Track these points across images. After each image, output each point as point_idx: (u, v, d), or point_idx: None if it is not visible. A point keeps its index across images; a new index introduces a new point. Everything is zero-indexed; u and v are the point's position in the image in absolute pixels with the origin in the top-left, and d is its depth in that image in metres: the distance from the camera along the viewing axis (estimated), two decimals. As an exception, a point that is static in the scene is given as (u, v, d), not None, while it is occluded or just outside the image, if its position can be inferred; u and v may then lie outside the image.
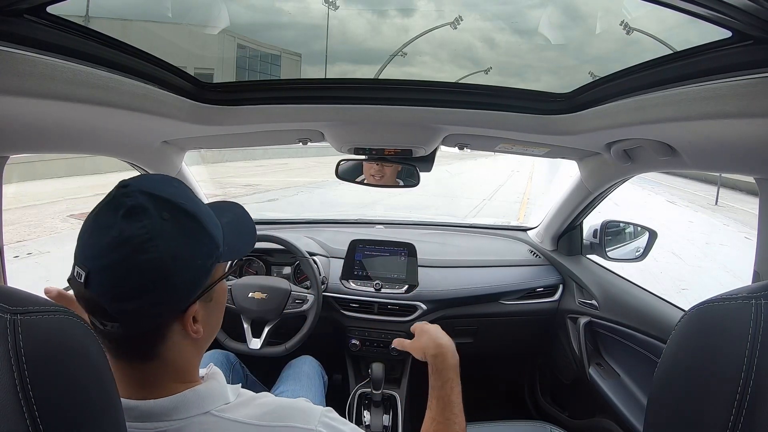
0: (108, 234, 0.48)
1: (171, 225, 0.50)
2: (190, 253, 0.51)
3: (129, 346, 0.52)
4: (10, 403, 0.34)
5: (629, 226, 1.57)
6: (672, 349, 0.54)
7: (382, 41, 3.67)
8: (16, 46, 0.56)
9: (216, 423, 0.53)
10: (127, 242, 0.47)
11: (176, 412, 0.52)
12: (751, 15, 0.52)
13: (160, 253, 0.48)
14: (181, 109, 0.93)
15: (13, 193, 6.88)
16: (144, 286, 0.48)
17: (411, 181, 1.36)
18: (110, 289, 0.48)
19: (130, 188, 0.50)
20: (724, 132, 0.70)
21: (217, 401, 0.55)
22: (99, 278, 0.47)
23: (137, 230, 0.48)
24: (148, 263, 0.48)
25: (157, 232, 0.48)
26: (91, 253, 0.48)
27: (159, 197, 0.50)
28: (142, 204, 0.49)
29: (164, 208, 0.50)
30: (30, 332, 0.37)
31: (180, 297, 0.52)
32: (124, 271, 0.47)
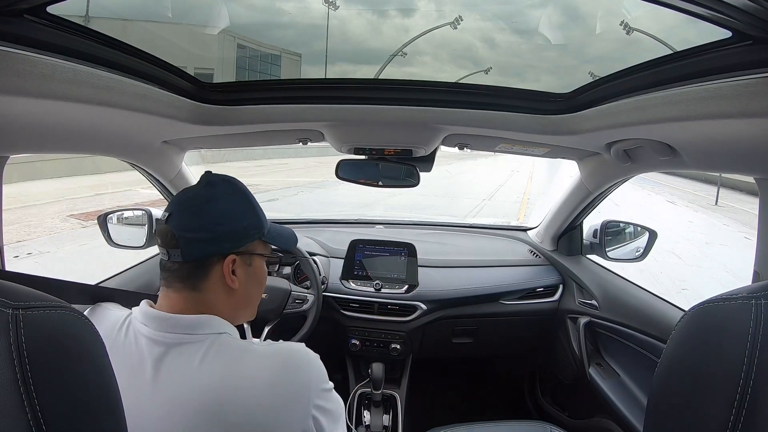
0: (189, 192, 0.71)
1: (231, 196, 0.71)
2: (239, 215, 0.71)
3: (182, 274, 0.67)
4: (12, 398, 0.35)
5: (629, 226, 1.57)
6: (672, 349, 0.54)
7: (382, 41, 3.67)
8: (16, 46, 0.56)
9: (231, 341, 0.64)
10: (201, 197, 0.69)
11: (201, 327, 0.64)
12: (751, 15, 0.52)
13: (218, 209, 0.69)
14: (182, 109, 0.93)
15: (13, 193, 6.88)
16: (203, 226, 0.67)
17: (411, 181, 1.36)
18: (181, 221, 0.67)
19: (212, 175, 0.73)
20: (724, 132, 0.70)
21: (235, 333, 0.69)
22: (177, 216, 0.67)
23: (207, 192, 0.70)
24: (210, 211, 0.68)
25: (220, 197, 0.70)
26: (177, 201, 0.69)
27: (228, 181, 0.73)
28: (216, 180, 0.72)
29: (229, 186, 0.72)
30: (31, 327, 0.37)
31: (225, 242, 0.68)
32: (193, 213, 0.67)
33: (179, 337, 0.62)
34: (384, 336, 1.59)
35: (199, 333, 0.63)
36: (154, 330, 0.63)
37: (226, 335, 0.65)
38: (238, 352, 0.63)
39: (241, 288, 0.71)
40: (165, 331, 0.63)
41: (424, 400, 1.74)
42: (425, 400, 1.75)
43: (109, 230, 1.32)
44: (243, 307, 0.75)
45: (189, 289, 0.67)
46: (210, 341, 0.63)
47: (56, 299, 0.42)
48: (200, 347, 0.61)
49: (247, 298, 0.75)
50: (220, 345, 0.63)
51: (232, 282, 0.69)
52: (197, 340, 0.62)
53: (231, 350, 0.63)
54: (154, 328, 0.63)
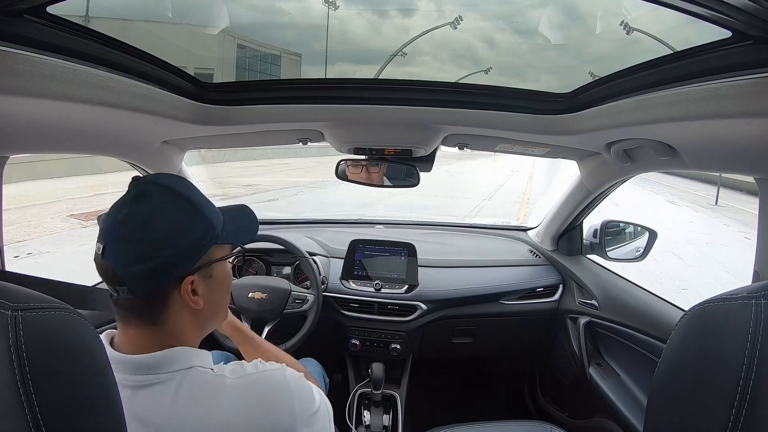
0: (120, 213, 0.58)
1: (170, 206, 0.60)
2: (185, 229, 0.60)
3: (137, 311, 0.60)
4: (11, 399, 0.35)
5: (629, 226, 1.57)
6: (672, 349, 0.54)
7: (382, 41, 3.67)
8: (16, 46, 0.56)
9: (200, 376, 0.59)
10: (135, 217, 0.57)
11: (166, 365, 0.58)
12: (751, 15, 0.51)
13: (160, 226, 0.58)
14: (182, 109, 0.93)
15: (13, 193, 6.88)
16: (145, 253, 0.57)
17: (410, 181, 1.36)
18: (119, 256, 0.57)
19: (141, 180, 0.61)
20: (724, 132, 0.70)
21: (203, 362, 0.62)
22: (113, 248, 0.57)
23: (142, 208, 0.58)
24: (151, 233, 0.57)
25: (158, 210, 0.59)
26: (107, 229, 0.58)
27: (163, 186, 0.61)
28: (149, 190, 0.60)
29: (166, 193, 0.60)
30: (31, 329, 0.37)
31: (176, 264, 0.60)
32: (131, 241, 0.57)
33: (145, 379, 0.57)
34: (384, 336, 1.59)
35: (165, 371, 0.58)
36: (119, 373, 0.55)
37: (196, 369, 0.60)
38: (210, 389, 0.58)
39: (206, 304, 0.64)
40: (129, 374, 0.57)
41: (424, 400, 1.74)
42: (425, 400, 1.75)
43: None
44: (212, 319, 0.69)
45: (148, 324, 0.60)
46: (179, 379, 0.58)
47: (55, 300, 0.42)
48: (169, 387, 0.57)
49: (215, 309, 0.68)
50: (191, 383, 0.58)
51: (195, 304, 0.62)
52: (166, 380, 0.57)
53: (202, 387, 0.58)
54: (118, 371, 0.54)
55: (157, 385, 0.57)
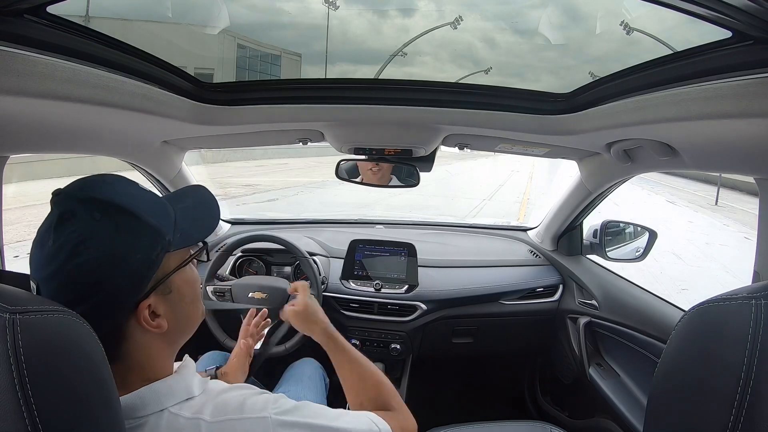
0: (45, 245, 0.48)
1: (104, 224, 0.49)
2: (127, 248, 0.50)
3: None
4: (9, 403, 0.35)
5: (629, 227, 1.57)
6: (672, 349, 0.54)
7: (382, 41, 3.67)
8: (16, 46, 0.56)
9: (172, 421, 0.51)
10: (61, 249, 0.47)
11: (134, 411, 0.51)
12: (751, 15, 0.51)
13: (95, 254, 0.48)
14: (182, 109, 0.93)
15: (13, 193, 6.88)
16: (86, 290, 0.48)
17: (411, 181, 1.36)
18: (56, 296, 0.47)
19: (61, 196, 0.50)
20: (724, 132, 0.70)
21: (176, 397, 0.54)
22: (46, 288, 0.48)
23: (68, 236, 0.47)
24: (85, 266, 0.47)
25: (89, 234, 0.48)
26: (36, 265, 0.49)
27: (88, 198, 0.50)
28: (71, 209, 0.48)
29: (94, 208, 0.49)
30: (29, 332, 0.37)
31: (126, 294, 0.51)
32: (64, 278, 0.48)
33: None
34: (384, 336, 1.59)
35: (135, 417, 0.51)
36: None
37: (167, 412, 0.52)
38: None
39: (171, 322, 0.55)
40: None
41: (424, 400, 1.74)
42: (425, 400, 1.75)
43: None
44: (183, 332, 0.60)
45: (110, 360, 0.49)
46: (148, 427, 0.51)
47: (54, 303, 0.42)
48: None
49: (184, 322, 0.59)
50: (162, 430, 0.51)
51: (158, 328, 0.53)
52: (135, 425, 0.50)
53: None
54: None
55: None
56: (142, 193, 0.55)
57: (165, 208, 0.56)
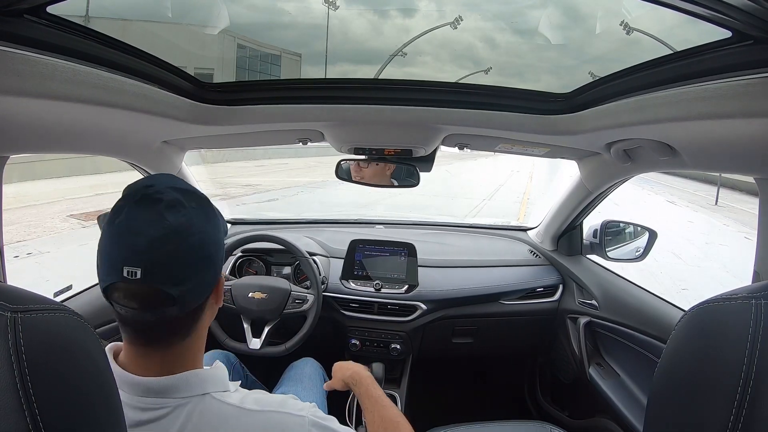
0: (156, 227, 0.52)
1: (198, 212, 0.56)
2: (216, 232, 0.59)
3: (175, 328, 0.57)
4: (11, 402, 0.35)
5: (629, 226, 1.57)
6: (672, 349, 0.54)
7: (382, 41, 3.67)
8: (16, 46, 0.56)
9: (214, 404, 0.56)
10: (176, 232, 0.53)
11: (179, 390, 0.56)
12: (751, 15, 0.52)
13: (200, 236, 0.55)
14: (182, 109, 0.93)
15: (13, 193, 6.88)
16: (196, 266, 0.55)
17: (411, 181, 1.36)
18: (170, 275, 0.52)
19: (157, 187, 0.56)
20: (724, 132, 0.70)
21: (218, 386, 0.59)
22: (159, 269, 0.52)
23: (181, 219, 0.53)
24: (195, 246, 0.54)
25: (193, 220, 0.55)
26: (142, 248, 0.51)
27: (183, 189, 0.57)
28: (176, 197, 0.55)
29: (191, 198, 0.57)
30: (31, 330, 0.37)
31: (217, 270, 0.59)
32: (181, 256, 0.53)
33: (154, 402, 0.55)
34: (384, 336, 1.59)
35: (177, 396, 0.56)
36: (130, 394, 0.54)
37: (210, 397, 0.57)
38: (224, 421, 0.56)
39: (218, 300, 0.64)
40: (137, 395, 0.55)
41: (424, 400, 1.74)
42: (425, 400, 1.75)
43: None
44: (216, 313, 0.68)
45: (182, 339, 0.58)
46: (192, 406, 0.55)
47: (55, 302, 0.42)
48: (181, 413, 0.55)
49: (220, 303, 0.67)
50: (202, 413, 0.55)
51: (217, 301, 0.63)
52: (180, 404, 0.55)
53: (216, 418, 0.55)
54: (130, 393, 0.55)
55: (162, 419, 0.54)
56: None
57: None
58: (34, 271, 4.16)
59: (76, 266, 4.45)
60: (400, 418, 0.86)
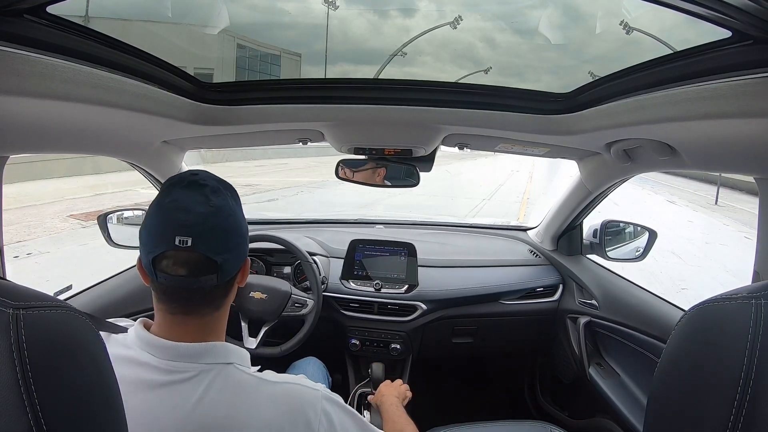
0: (203, 206, 0.61)
1: (232, 199, 0.66)
2: (242, 217, 0.68)
3: (212, 297, 0.64)
4: (12, 398, 0.35)
5: (629, 226, 1.57)
6: (672, 349, 0.54)
7: (382, 41, 3.65)
8: (16, 46, 0.56)
9: (236, 373, 0.62)
10: (220, 210, 0.62)
11: (207, 356, 0.62)
12: (751, 15, 0.52)
13: (237, 216, 0.65)
14: (182, 109, 0.93)
15: (13, 193, 6.87)
16: (235, 240, 0.64)
17: (411, 181, 1.36)
18: (217, 244, 0.61)
19: (202, 176, 0.65)
20: (724, 132, 0.70)
21: (241, 359, 0.66)
22: (206, 239, 0.60)
23: (222, 202, 0.63)
24: (235, 223, 0.64)
25: (230, 203, 0.65)
26: (191, 222, 0.59)
27: (222, 180, 0.67)
28: (217, 186, 0.65)
29: (225, 188, 0.66)
30: (32, 327, 0.37)
31: (246, 248, 0.68)
32: (223, 230, 0.62)
33: (181, 366, 0.60)
34: (384, 336, 1.59)
35: (204, 362, 0.61)
36: (159, 358, 0.60)
37: (234, 366, 0.63)
38: (242, 388, 0.61)
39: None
40: (166, 359, 0.60)
41: (424, 400, 1.74)
42: (425, 400, 1.75)
43: (109, 230, 1.32)
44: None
45: (215, 309, 0.65)
46: (216, 372, 0.61)
47: (57, 299, 0.42)
48: (205, 378, 0.60)
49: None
50: (225, 379, 0.61)
51: (242, 280, 0.70)
52: (205, 369, 0.60)
53: (235, 386, 0.61)
54: (160, 356, 0.60)
55: (194, 375, 0.59)
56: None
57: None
58: (34, 271, 4.16)
59: (77, 266, 4.45)
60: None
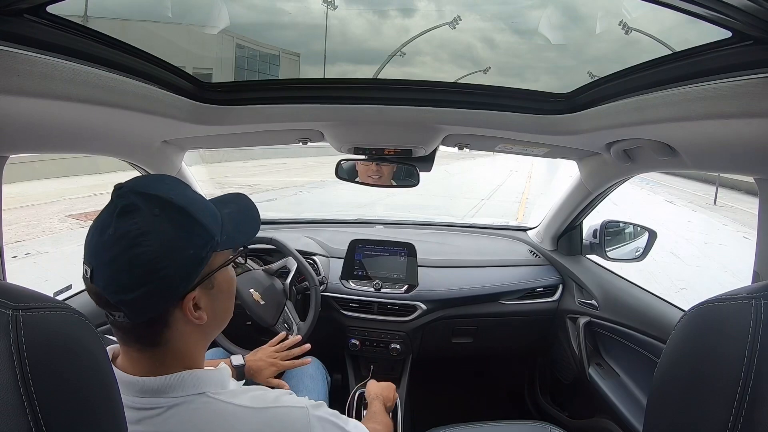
0: (105, 232, 0.52)
1: (162, 220, 0.53)
2: (182, 244, 0.54)
3: (137, 334, 0.56)
4: (12, 399, 0.34)
5: (629, 226, 1.57)
6: (672, 349, 0.54)
7: (382, 41, 3.65)
8: (16, 46, 0.56)
9: (209, 404, 0.56)
10: (122, 238, 0.51)
11: (173, 390, 0.55)
12: (751, 15, 0.52)
13: (153, 246, 0.51)
14: (182, 109, 0.93)
15: (11, 193, 6.86)
16: (141, 277, 0.51)
17: (410, 181, 1.36)
18: (111, 282, 0.51)
19: (123, 189, 0.54)
20: (724, 132, 0.71)
21: (215, 386, 0.59)
22: (101, 273, 0.51)
23: (130, 226, 0.51)
24: (143, 256, 0.51)
25: (149, 227, 0.52)
26: (93, 250, 0.52)
27: (150, 195, 0.54)
28: (134, 203, 0.52)
29: (155, 204, 0.53)
30: (32, 328, 0.37)
31: (176, 285, 0.54)
32: (121, 265, 0.51)
33: (150, 402, 0.55)
34: (384, 336, 1.58)
35: (172, 396, 0.55)
36: (126, 395, 0.53)
37: (206, 396, 0.56)
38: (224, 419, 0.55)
39: (210, 316, 0.60)
40: (133, 396, 0.55)
41: (424, 400, 1.74)
42: (425, 400, 1.75)
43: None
44: (217, 327, 0.65)
45: (150, 347, 0.56)
46: (186, 406, 0.55)
47: (56, 300, 0.42)
48: (175, 413, 0.54)
49: (220, 318, 0.64)
50: (198, 410, 0.55)
51: (198, 319, 0.57)
52: (175, 404, 0.55)
53: (213, 418, 0.55)
54: (125, 393, 0.53)
55: (156, 417, 0.54)
56: (196, 196, 0.59)
57: (214, 212, 0.60)
58: (32, 271, 4.15)
59: (75, 267, 4.43)
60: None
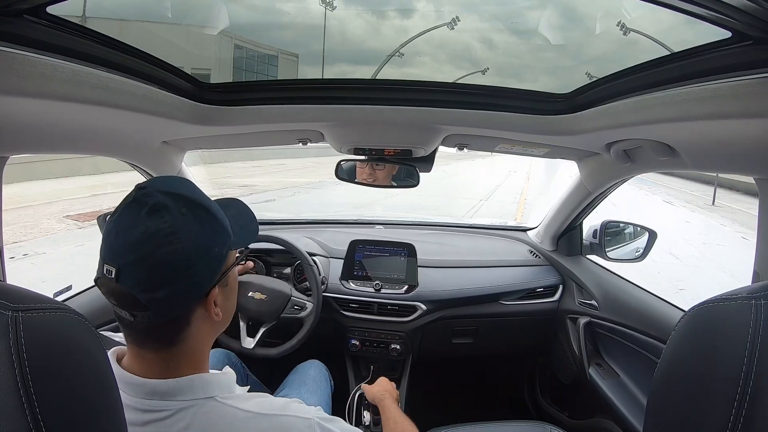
0: (134, 231, 0.52)
1: (190, 218, 0.54)
2: (208, 242, 0.56)
3: (157, 333, 0.56)
4: (12, 401, 0.34)
5: (629, 227, 1.58)
6: (672, 350, 0.54)
7: (381, 42, 3.67)
8: (16, 46, 0.56)
9: (218, 408, 0.56)
10: (153, 237, 0.51)
11: (182, 393, 0.56)
12: (751, 15, 0.52)
13: (183, 244, 0.53)
14: (181, 110, 0.93)
15: (9, 194, 6.84)
16: (171, 275, 0.52)
17: (410, 182, 1.36)
18: (141, 280, 0.51)
19: (149, 189, 0.54)
20: (724, 132, 0.71)
21: (223, 390, 0.59)
22: (130, 272, 0.51)
23: (161, 225, 0.52)
24: (174, 254, 0.52)
25: (179, 226, 0.53)
26: (119, 251, 0.52)
27: (176, 194, 0.55)
28: (163, 202, 0.53)
29: (182, 204, 0.55)
30: (31, 329, 0.37)
31: (202, 283, 0.56)
32: (152, 263, 0.52)
33: (158, 405, 0.55)
34: (384, 336, 1.58)
35: (181, 399, 0.56)
36: (129, 395, 0.54)
37: (214, 400, 0.57)
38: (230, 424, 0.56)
39: (224, 311, 0.62)
40: (141, 398, 0.55)
41: (424, 401, 1.74)
42: (425, 401, 1.75)
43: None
44: (224, 325, 0.66)
45: (168, 346, 0.57)
46: (196, 409, 0.55)
47: (56, 301, 0.42)
48: (184, 416, 0.55)
49: (228, 314, 0.66)
50: (208, 414, 0.55)
51: (217, 316, 0.59)
52: (183, 407, 0.55)
53: (221, 421, 0.55)
54: (129, 393, 0.54)
55: (164, 420, 0.54)
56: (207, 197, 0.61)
57: (223, 213, 0.62)
58: (30, 272, 4.14)
59: (73, 267, 4.43)
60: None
